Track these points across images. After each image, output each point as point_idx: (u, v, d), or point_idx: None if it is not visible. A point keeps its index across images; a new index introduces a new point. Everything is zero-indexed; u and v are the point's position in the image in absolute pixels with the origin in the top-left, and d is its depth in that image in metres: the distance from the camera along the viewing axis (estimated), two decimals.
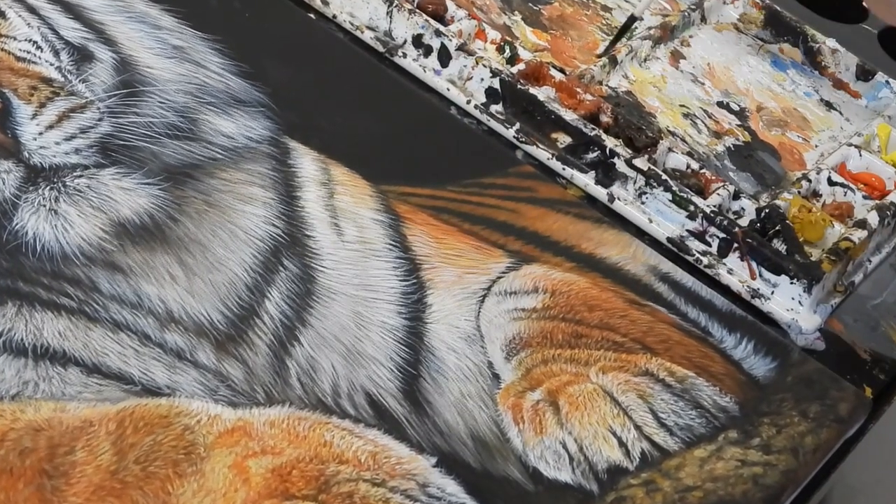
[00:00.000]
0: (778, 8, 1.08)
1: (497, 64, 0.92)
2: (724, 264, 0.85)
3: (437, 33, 0.93)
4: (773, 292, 0.84)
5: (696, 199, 0.86)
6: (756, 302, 0.84)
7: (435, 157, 0.86)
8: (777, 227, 0.87)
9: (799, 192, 0.91)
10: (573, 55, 0.99)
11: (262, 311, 0.73)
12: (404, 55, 0.93)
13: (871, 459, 0.82)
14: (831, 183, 0.93)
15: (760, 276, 0.85)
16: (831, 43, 1.07)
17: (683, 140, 0.96)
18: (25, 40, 0.83)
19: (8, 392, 0.66)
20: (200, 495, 0.64)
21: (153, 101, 0.82)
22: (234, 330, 0.72)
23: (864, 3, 0.92)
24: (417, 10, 0.93)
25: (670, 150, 0.91)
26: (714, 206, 0.86)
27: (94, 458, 0.64)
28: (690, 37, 1.05)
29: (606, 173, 0.88)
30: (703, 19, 1.07)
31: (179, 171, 0.79)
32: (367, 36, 0.94)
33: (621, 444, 0.71)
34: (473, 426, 0.71)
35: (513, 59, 0.94)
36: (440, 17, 0.96)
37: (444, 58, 0.93)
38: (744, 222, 0.88)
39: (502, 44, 0.95)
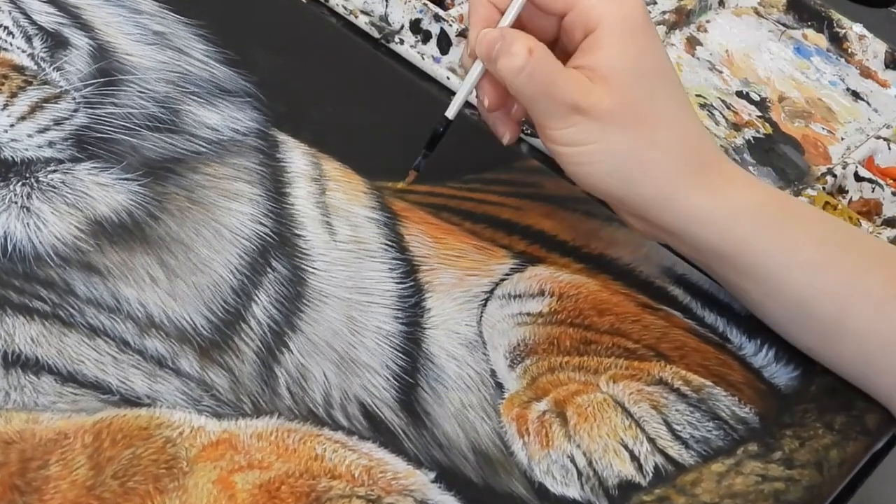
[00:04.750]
0: None
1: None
2: None
3: (437, 18, 0.93)
4: None
5: None
6: None
7: (434, 151, 0.86)
8: None
9: (823, 188, 0.92)
10: None
11: (248, 316, 0.73)
12: (401, 41, 0.93)
13: None
14: (858, 178, 0.93)
15: None
16: (858, 28, 1.07)
17: None
18: None
19: None
20: None
21: (132, 91, 0.82)
22: (219, 336, 0.72)
23: None
24: None
25: None
26: None
27: (69, 472, 0.64)
28: (707, 21, 1.05)
29: None
30: (721, 3, 1.07)
31: (160, 165, 0.79)
32: (362, 21, 0.94)
33: (633, 457, 0.72)
34: (475, 439, 0.71)
35: None
36: (440, 0, 0.96)
37: (444, 44, 0.93)
38: None
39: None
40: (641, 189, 0.75)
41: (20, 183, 0.75)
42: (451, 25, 0.92)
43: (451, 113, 0.79)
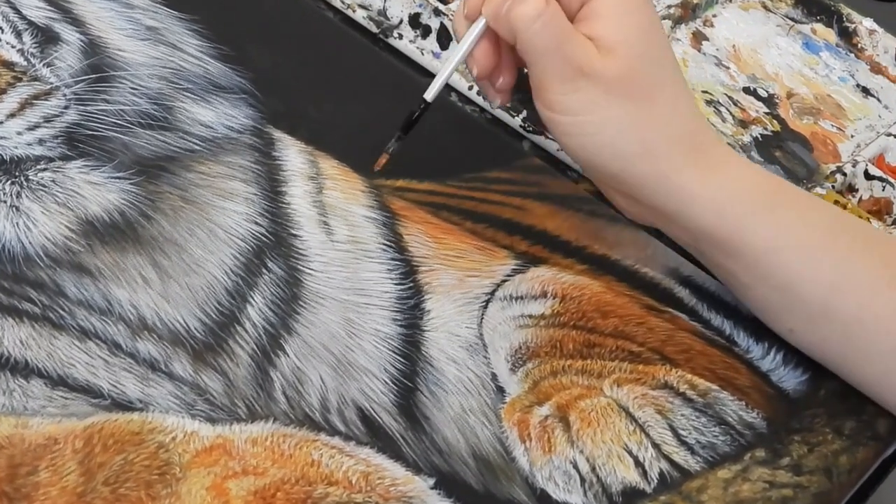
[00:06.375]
0: None
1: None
2: None
3: (437, 12, 0.93)
4: None
5: None
6: None
7: (434, 149, 0.86)
8: None
9: (833, 187, 0.91)
10: None
11: (243, 318, 0.73)
12: (400, 36, 0.93)
13: None
14: (868, 176, 0.93)
15: None
16: (868, 23, 1.07)
17: None
18: None
19: None
20: None
21: (124, 87, 0.82)
22: (213, 338, 0.72)
23: None
24: None
25: None
26: None
27: (59, 478, 0.64)
28: (714, 16, 1.05)
29: None
30: None
31: (153, 163, 0.79)
32: (360, 15, 0.94)
33: (638, 463, 0.71)
34: (475, 444, 0.71)
35: None
36: None
37: (444, 39, 0.93)
38: None
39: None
40: (637, 166, 0.75)
41: (9, 182, 0.75)
42: (450, 20, 0.92)
43: (429, 95, 0.78)
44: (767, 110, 0.99)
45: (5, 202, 0.74)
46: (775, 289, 0.76)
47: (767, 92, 1.01)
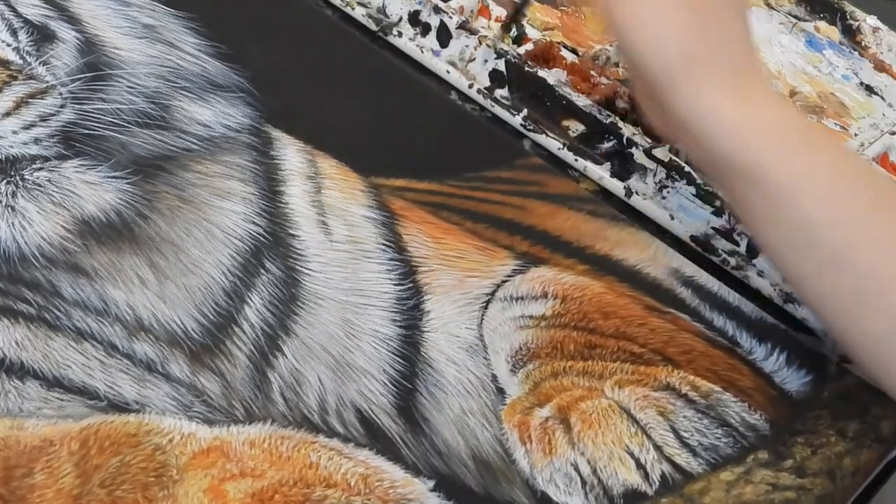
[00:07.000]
0: None
1: (502, 44, 0.92)
2: (754, 266, 0.85)
3: (436, 10, 0.93)
4: None
5: None
6: (789, 307, 0.84)
7: (433, 148, 0.86)
8: None
9: None
10: (587, 34, 0.99)
11: (241, 319, 0.73)
12: (399, 34, 0.93)
13: None
14: None
15: None
16: (872, 21, 1.07)
17: None
18: None
19: None
20: None
21: (121, 86, 0.82)
22: (211, 339, 0.72)
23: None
24: None
25: None
26: None
27: (54, 481, 0.64)
28: None
29: (623, 165, 0.88)
30: None
31: (150, 163, 0.79)
32: (359, 13, 0.94)
33: (639, 465, 0.71)
34: (475, 446, 0.71)
35: (520, 39, 0.94)
36: None
37: (444, 37, 0.93)
38: None
39: (508, 21, 0.95)
40: (676, 72, 0.74)
41: (5, 181, 0.75)
42: (450, 17, 0.92)
43: None
44: None
45: (1, 202, 0.74)
46: (792, 228, 0.75)
47: None
